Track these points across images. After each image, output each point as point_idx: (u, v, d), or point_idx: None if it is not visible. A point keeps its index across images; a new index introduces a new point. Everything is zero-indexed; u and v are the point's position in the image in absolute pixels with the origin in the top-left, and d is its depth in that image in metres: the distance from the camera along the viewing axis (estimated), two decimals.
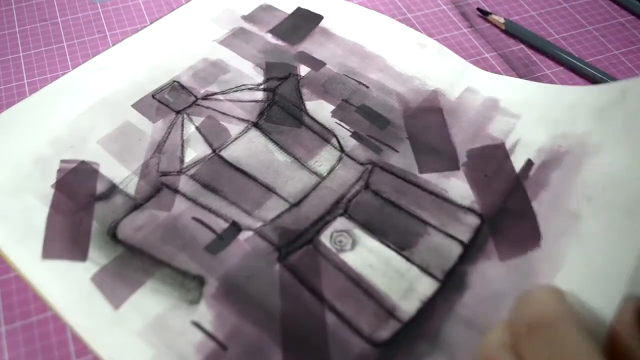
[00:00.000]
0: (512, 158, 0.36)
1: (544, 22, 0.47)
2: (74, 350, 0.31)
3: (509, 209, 0.34)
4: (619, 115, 0.33)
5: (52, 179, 0.36)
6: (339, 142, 0.37)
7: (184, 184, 0.35)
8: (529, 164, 0.35)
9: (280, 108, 0.39)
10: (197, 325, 0.30)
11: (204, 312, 0.30)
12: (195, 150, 0.37)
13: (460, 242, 0.33)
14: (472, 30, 0.47)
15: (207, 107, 0.39)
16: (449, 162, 0.36)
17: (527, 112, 0.38)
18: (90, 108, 0.39)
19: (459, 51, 0.45)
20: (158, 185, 0.35)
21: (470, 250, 0.33)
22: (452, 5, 0.49)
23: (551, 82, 0.43)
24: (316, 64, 0.42)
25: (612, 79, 0.42)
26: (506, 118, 0.38)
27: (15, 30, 0.46)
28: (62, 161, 0.36)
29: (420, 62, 0.42)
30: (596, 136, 0.34)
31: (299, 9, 0.45)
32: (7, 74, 0.43)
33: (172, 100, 0.40)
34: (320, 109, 0.39)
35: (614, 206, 0.31)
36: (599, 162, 0.33)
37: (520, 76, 0.43)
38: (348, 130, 0.38)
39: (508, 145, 0.36)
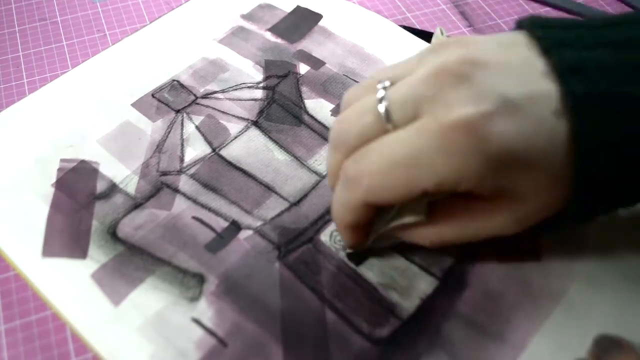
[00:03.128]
0: None
1: None
2: (74, 349, 0.31)
3: None
4: None
5: (52, 177, 0.36)
6: None
7: (184, 183, 0.36)
8: None
9: (280, 106, 0.39)
10: (197, 321, 0.30)
11: (204, 309, 0.31)
12: (195, 150, 0.37)
13: None
14: (472, 30, 0.47)
15: (207, 106, 0.39)
16: None
17: None
18: (89, 107, 0.39)
19: None
20: (158, 185, 0.35)
21: (469, 251, 0.33)
22: (452, 4, 0.49)
23: None
24: (316, 62, 0.42)
25: None
26: None
27: (15, 30, 0.46)
28: (62, 160, 0.37)
29: None
30: None
31: (298, 7, 0.46)
32: (7, 74, 0.43)
33: (172, 99, 0.40)
34: (320, 108, 0.39)
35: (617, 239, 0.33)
36: None
37: None
38: None
39: None
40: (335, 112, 0.39)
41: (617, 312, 0.30)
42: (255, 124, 0.38)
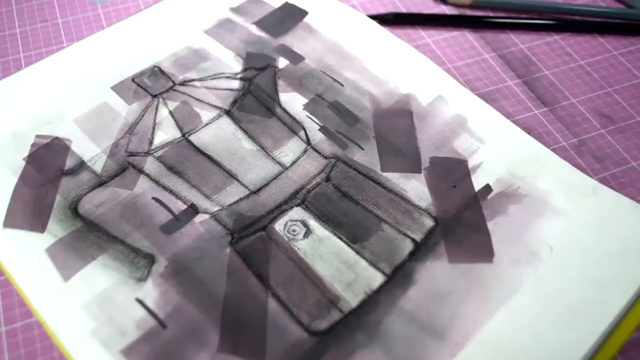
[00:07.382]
0: (473, 177, 0.36)
1: None
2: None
3: (464, 219, 0.34)
4: (588, 203, 0.34)
5: (25, 152, 0.37)
6: (306, 134, 0.38)
7: (150, 164, 0.36)
8: (488, 188, 0.35)
9: (254, 98, 0.40)
10: (140, 302, 0.30)
11: (150, 290, 0.31)
12: (166, 134, 0.38)
13: (413, 239, 0.33)
14: (472, 31, 0.46)
15: (183, 93, 0.40)
16: (412, 164, 0.36)
17: (492, 142, 0.38)
18: (71, 88, 0.40)
19: (458, 52, 0.44)
20: (124, 165, 0.36)
21: (421, 249, 0.33)
22: (452, 5, 0.48)
23: (550, 82, 0.42)
24: (295, 57, 0.42)
25: None
26: (472, 139, 0.38)
27: (16, 31, 0.46)
28: (37, 136, 0.37)
29: (397, 66, 0.42)
30: (560, 202, 0.34)
31: (286, 3, 0.46)
32: (8, 75, 0.42)
33: (151, 85, 0.40)
34: (293, 102, 0.39)
35: (575, 253, 0.32)
36: (563, 224, 0.34)
37: (519, 77, 0.43)
38: (317, 124, 0.38)
39: (470, 165, 0.36)
40: (308, 107, 0.39)
41: (560, 321, 0.30)
42: (228, 112, 0.39)
